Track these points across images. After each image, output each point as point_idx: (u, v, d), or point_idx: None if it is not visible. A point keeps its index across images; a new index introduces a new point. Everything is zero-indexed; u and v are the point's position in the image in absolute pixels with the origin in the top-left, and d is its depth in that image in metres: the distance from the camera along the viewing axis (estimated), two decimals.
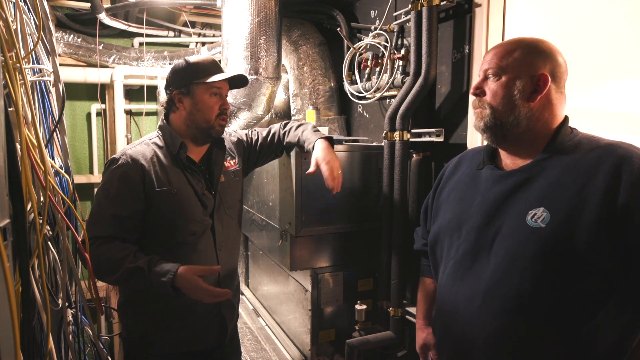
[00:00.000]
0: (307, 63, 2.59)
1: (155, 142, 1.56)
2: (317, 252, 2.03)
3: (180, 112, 1.55)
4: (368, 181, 2.07)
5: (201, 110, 1.53)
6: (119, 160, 1.47)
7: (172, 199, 1.49)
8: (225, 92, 1.58)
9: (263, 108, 2.42)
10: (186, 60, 1.55)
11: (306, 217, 1.94)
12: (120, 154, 1.49)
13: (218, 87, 1.54)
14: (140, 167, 1.47)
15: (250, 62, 2.31)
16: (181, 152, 1.53)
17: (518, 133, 1.09)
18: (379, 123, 2.39)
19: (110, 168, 1.47)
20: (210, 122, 1.54)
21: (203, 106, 1.52)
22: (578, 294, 0.97)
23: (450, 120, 1.89)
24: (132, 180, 1.45)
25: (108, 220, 1.42)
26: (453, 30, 1.86)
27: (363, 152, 2.05)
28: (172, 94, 1.55)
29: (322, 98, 2.60)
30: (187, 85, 1.52)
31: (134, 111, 3.54)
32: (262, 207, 2.30)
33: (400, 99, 1.94)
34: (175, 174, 1.52)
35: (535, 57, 1.07)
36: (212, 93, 1.53)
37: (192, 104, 1.52)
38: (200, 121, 1.54)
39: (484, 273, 1.07)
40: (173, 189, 1.49)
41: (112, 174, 1.45)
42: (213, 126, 1.55)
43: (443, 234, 1.22)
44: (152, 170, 1.48)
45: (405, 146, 1.95)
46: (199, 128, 1.55)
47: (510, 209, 1.06)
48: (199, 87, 1.52)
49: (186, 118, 1.54)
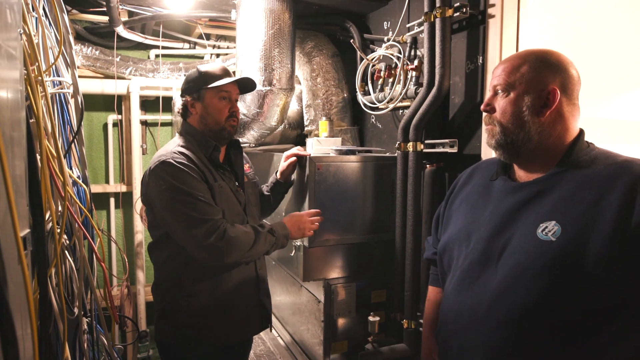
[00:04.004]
0: (321, 74, 2.61)
1: (187, 145, 1.62)
2: (330, 263, 2.03)
3: (193, 117, 1.66)
4: (381, 192, 2.07)
5: (211, 114, 1.62)
6: (177, 157, 1.52)
7: (220, 193, 1.59)
8: (234, 96, 1.67)
9: (276, 119, 2.44)
10: (198, 68, 1.66)
11: (320, 228, 1.92)
12: (170, 154, 1.53)
13: (227, 90, 1.63)
14: (194, 163, 1.55)
15: (264, 73, 2.34)
16: (214, 153, 1.63)
17: (530, 148, 1.08)
18: (392, 134, 2.40)
19: (171, 165, 1.50)
20: (221, 123, 1.63)
21: (213, 109, 1.62)
22: (585, 310, 0.95)
23: (464, 131, 1.89)
24: (197, 170, 1.53)
25: (210, 204, 1.50)
26: (466, 41, 1.86)
27: (376, 163, 2.06)
28: (186, 99, 1.66)
29: (335, 109, 2.62)
30: (198, 91, 1.63)
31: (149, 122, 3.59)
32: (275, 217, 2.30)
33: (414, 110, 1.94)
34: (214, 173, 1.62)
35: (543, 70, 1.06)
36: (221, 97, 1.63)
37: (203, 107, 1.63)
38: (211, 124, 1.63)
39: (490, 283, 1.06)
40: (219, 185, 1.60)
41: (177, 168, 1.49)
42: (224, 128, 1.64)
43: (452, 243, 1.21)
44: (199, 166, 1.56)
45: (418, 157, 1.94)
46: (211, 130, 1.63)
47: (521, 221, 1.05)
48: (209, 91, 1.62)
49: (199, 121, 1.64)
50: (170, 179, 1.48)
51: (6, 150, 0.67)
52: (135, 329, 3.22)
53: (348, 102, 2.68)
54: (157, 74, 3.34)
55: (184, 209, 1.47)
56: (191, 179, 1.49)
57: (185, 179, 1.48)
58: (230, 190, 1.65)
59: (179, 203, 1.47)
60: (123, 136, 3.52)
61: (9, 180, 0.66)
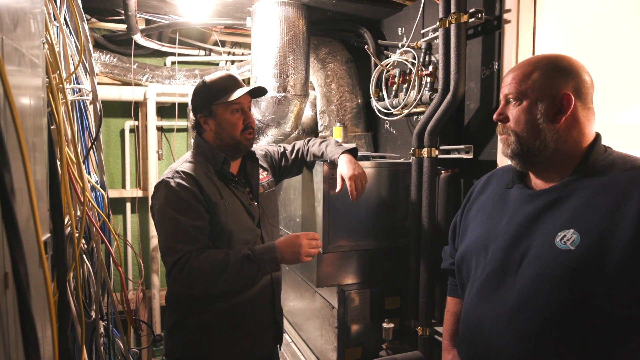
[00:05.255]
0: (335, 80, 2.61)
1: (196, 160, 1.59)
2: (344, 269, 2.02)
3: (207, 133, 1.61)
4: (396, 198, 2.06)
5: (226, 129, 1.57)
6: (176, 178, 1.49)
7: (227, 211, 1.53)
8: (247, 105, 1.61)
9: (291, 125, 2.44)
10: (204, 81, 1.60)
11: (333, 234, 1.94)
12: (172, 173, 1.51)
13: (238, 102, 1.57)
14: (196, 181, 1.50)
15: (279, 79, 2.35)
16: (224, 167, 1.58)
17: (546, 156, 1.05)
18: (406, 140, 2.39)
19: (167, 186, 1.48)
20: (237, 138, 1.58)
21: (227, 125, 1.57)
22: (608, 318, 0.93)
23: (480, 136, 1.87)
24: (194, 192, 1.48)
25: (190, 232, 1.44)
26: (482, 46, 1.85)
27: (390, 169, 2.05)
28: (197, 116, 1.61)
29: (350, 115, 2.62)
30: (209, 107, 1.57)
31: (165, 128, 3.61)
32: (289, 223, 2.32)
33: (429, 116, 1.93)
34: (223, 188, 1.57)
35: (555, 76, 1.03)
36: (233, 110, 1.57)
37: (216, 124, 1.57)
38: (227, 139, 1.58)
39: (510, 294, 1.04)
40: (226, 202, 1.54)
41: (172, 190, 1.47)
42: (240, 142, 1.59)
43: (470, 253, 1.19)
44: (205, 184, 1.52)
45: (433, 163, 1.93)
46: (228, 145, 1.59)
47: (539, 230, 1.03)
48: (220, 107, 1.56)
49: (214, 137, 1.59)
50: (162, 201, 1.48)
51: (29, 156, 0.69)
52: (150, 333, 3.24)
53: (362, 108, 2.66)
54: (173, 81, 3.37)
55: (165, 233, 1.47)
56: (183, 204, 1.46)
57: (177, 203, 1.46)
58: (242, 205, 1.60)
59: (163, 226, 1.47)
60: (139, 142, 3.55)
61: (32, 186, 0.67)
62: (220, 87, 1.57)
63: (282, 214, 2.40)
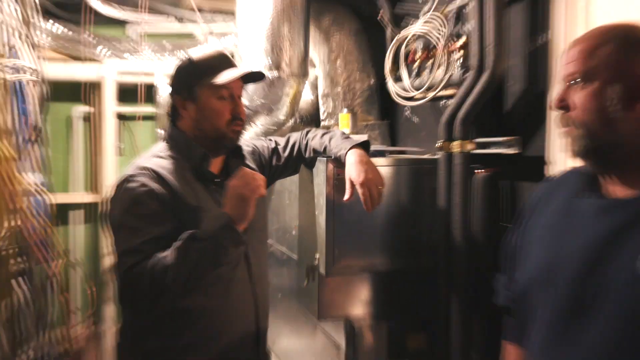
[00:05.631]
0: (341, 56, 2.64)
1: (168, 153, 1.60)
2: (353, 297, 2.02)
3: (186, 120, 1.63)
4: (419, 205, 2.06)
5: (208, 118, 1.59)
6: (140, 176, 1.51)
7: (201, 217, 1.53)
8: (237, 92, 1.63)
9: (286, 112, 2.46)
10: (189, 57, 1.63)
11: (340, 251, 1.94)
12: (137, 169, 1.53)
13: (227, 87, 1.58)
14: (165, 181, 1.52)
15: (271, 55, 2.35)
16: (204, 165, 1.60)
17: (624, 154, 1.02)
18: (432, 130, 2.33)
19: (129, 185, 1.50)
20: (221, 129, 1.59)
21: (210, 113, 1.59)
22: None
23: (525, 126, 1.88)
24: (162, 195, 1.50)
25: (148, 244, 1.45)
26: (526, 14, 1.86)
27: (412, 167, 2.05)
28: (175, 99, 1.63)
29: (360, 99, 2.63)
30: (190, 88, 1.59)
31: (126, 115, 3.61)
32: (282, 236, 2.33)
33: (460, 100, 1.94)
34: (200, 191, 1.59)
35: (631, 51, 1.00)
36: (220, 95, 1.58)
37: (197, 110, 1.59)
38: (208, 129, 1.60)
39: (586, 341, 0.99)
40: (203, 208, 1.55)
41: (135, 191, 1.48)
42: (224, 134, 1.60)
43: (531, 285, 1.16)
44: (178, 185, 1.53)
45: (466, 160, 1.93)
46: (208, 138, 1.61)
47: (619, 253, 0.99)
48: (204, 89, 1.58)
49: (193, 126, 1.61)
50: (120, 205, 1.50)
51: None
52: None
53: (375, 90, 2.65)
54: (138, 56, 3.37)
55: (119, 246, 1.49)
56: (148, 210, 1.48)
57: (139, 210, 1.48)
58: None
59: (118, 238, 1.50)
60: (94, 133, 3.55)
61: None
62: (208, 65, 1.59)
63: (274, 224, 2.40)
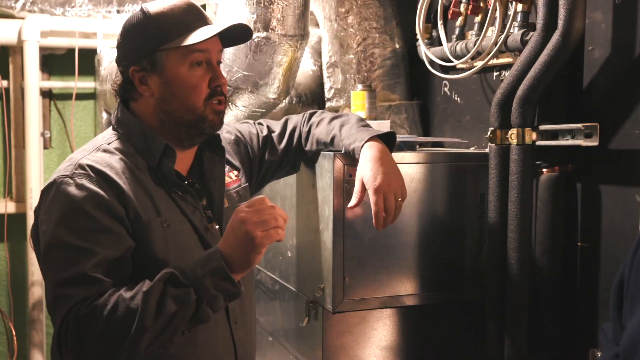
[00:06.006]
0: (354, 9, 2.63)
1: (116, 146, 1.58)
2: (368, 340, 2.02)
3: (145, 100, 1.60)
4: (460, 217, 2.08)
5: (178, 94, 1.57)
6: (78, 177, 1.48)
7: (166, 238, 1.54)
8: (215, 55, 1.61)
9: (277, 87, 2.46)
10: (144, 10, 1.59)
11: (352, 279, 1.94)
12: (71, 169, 1.50)
13: (202, 50, 1.57)
14: (113, 184, 1.50)
15: (256, 9, 2.34)
16: (167, 162, 1.58)
17: None
18: (479, 113, 2.38)
19: (62, 190, 1.47)
20: (197, 110, 1.57)
21: (180, 86, 1.57)
22: None
23: (611, 109, 1.86)
24: (109, 202, 1.47)
25: (99, 269, 1.41)
26: None
27: (451, 165, 2.07)
28: (128, 70, 1.59)
29: (380, 70, 2.62)
30: (151, 55, 1.56)
31: (57, 92, 3.64)
32: (272, 259, 2.36)
33: (520, 72, 1.93)
34: (161, 198, 1.58)
35: None
36: (192, 62, 1.57)
37: (162, 84, 1.57)
38: (180, 111, 1.58)
39: None
40: (165, 222, 1.55)
41: (70, 197, 1.46)
42: (203, 117, 1.58)
43: None
44: (130, 189, 1.52)
45: (528, 154, 1.93)
46: (180, 123, 1.59)
47: None
48: (170, 54, 1.56)
49: (156, 107, 1.59)
50: (52, 216, 1.47)
51: None
52: None
53: (402, 58, 2.66)
54: (70, 10, 3.36)
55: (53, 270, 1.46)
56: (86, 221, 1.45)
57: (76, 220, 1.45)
58: (193, 230, 1.62)
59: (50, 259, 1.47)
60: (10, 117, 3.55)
61: None
62: (173, 21, 1.56)
63: None
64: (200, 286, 1.38)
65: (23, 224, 3.49)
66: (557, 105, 1.98)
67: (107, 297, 1.38)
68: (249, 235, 1.39)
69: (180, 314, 1.38)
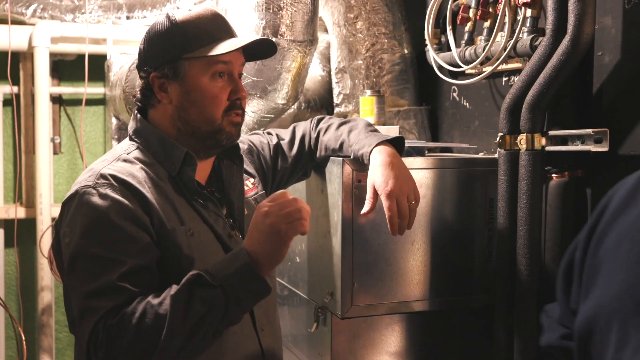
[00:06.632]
0: (363, 15, 2.64)
1: (136, 156, 1.59)
2: (377, 346, 2.03)
3: (163, 107, 1.61)
4: (469, 221, 2.09)
5: (198, 104, 1.58)
6: (101, 187, 1.48)
7: (190, 246, 1.54)
8: (237, 69, 1.62)
9: (286, 93, 2.46)
10: (170, 17, 1.59)
11: (361, 285, 1.94)
12: (93, 179, 1.50)
13: (225, 61, 1.58)
14: (137, 193, 1.50)
15: (265, 15, 2.36)
16: (188, 170, 1.59)
17: None
18: (489, 119, 2.39)
19: (85, 201, 1.47)
20: (215, 122, 1.58)
21: (201, 95, 1.57)
22: None
23: (621, 114, 1.86)
24: (134, 211, 1.48)
25: (127, 279, 1.42)
26: None
27: (460, 170, 2.08)
28: (148, 76, 1.60)
29: (389, 75, 2.64)
30: (174, 62, 1.57)
31: (67, 98, 3.65)
32: (282, 265, 2.33)
33: (529, 77, 1.93)
34: (183, 207, 1.58)
35: None
36: (214, 73, 1.58)
37: (182, 92, 1.58)
38: (197, 121, 1.59)
39: None
40: (187, 230, 1.55)
41: (95, 208, 1.46)
42: (221, 128, 1.59)
43: (605, 318, 1.16)
44: (154, 198, 1.53)
45: (538, 159, 1.93)
46: (197, 133, 1.60)
47: None
48: (193, 63, 1.56)
49: (174, 116, 1.60)
50: (76, 228, 1.47)
51: None
52: None
53: (410, 63, 2.67)
54: (81, 16, 3.38)
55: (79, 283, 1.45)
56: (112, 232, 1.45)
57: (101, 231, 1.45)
58: (216, 238, 1.62)
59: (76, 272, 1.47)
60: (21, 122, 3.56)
61: None
62: (198, 31, 1.57)
63: None
64: (228, 286, 1.38)
65: (33, 229, 3.51)
66: (566, 111, 1.99)
67: (135, 305, 1.38)
68: (273, 229, 1.39)
69: (210, 315, 1.38)
